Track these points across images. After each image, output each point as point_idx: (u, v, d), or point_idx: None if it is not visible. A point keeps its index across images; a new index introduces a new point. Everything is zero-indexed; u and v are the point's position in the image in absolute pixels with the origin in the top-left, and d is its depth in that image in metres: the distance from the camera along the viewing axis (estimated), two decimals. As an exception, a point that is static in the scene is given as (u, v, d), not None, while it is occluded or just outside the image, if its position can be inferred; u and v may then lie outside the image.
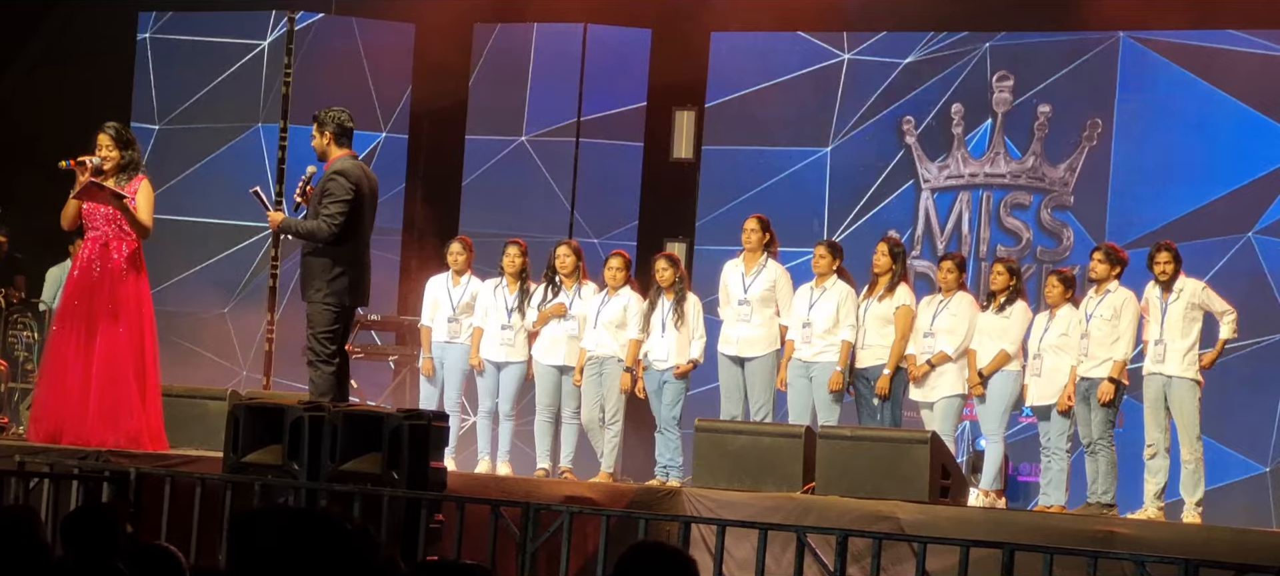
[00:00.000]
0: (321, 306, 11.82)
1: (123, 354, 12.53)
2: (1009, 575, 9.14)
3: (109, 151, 12.65)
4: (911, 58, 17.66)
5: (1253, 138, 16.38)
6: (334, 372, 11.83)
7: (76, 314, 12.65)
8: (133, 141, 12.87)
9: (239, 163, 18.72)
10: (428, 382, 15.30)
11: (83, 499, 11.36)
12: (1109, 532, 11.52)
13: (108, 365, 12.50)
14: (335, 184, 11.84)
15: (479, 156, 19.00)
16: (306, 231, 11.95)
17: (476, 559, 9.36)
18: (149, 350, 12.68)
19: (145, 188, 12.73)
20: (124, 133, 12.86)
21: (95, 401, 12.47)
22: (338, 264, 11.86)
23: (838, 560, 9.55)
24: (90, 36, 19.37)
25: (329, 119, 12.05)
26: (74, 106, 18.00)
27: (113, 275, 12.57)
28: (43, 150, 16.94)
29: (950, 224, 17.52)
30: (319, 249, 11.90)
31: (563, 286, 14.91)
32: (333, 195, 11.81)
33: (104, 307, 12.56)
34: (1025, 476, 15.49)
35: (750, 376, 14.36)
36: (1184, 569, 8.78)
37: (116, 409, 12.48)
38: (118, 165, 12.66)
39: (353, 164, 11.97)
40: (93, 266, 12.61)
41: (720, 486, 12.95)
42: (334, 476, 10.76)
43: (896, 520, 11.82)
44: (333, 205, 11.80)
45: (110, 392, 12.49)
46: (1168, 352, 13.20)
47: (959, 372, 13.96)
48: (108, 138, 12.71)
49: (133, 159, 12.73)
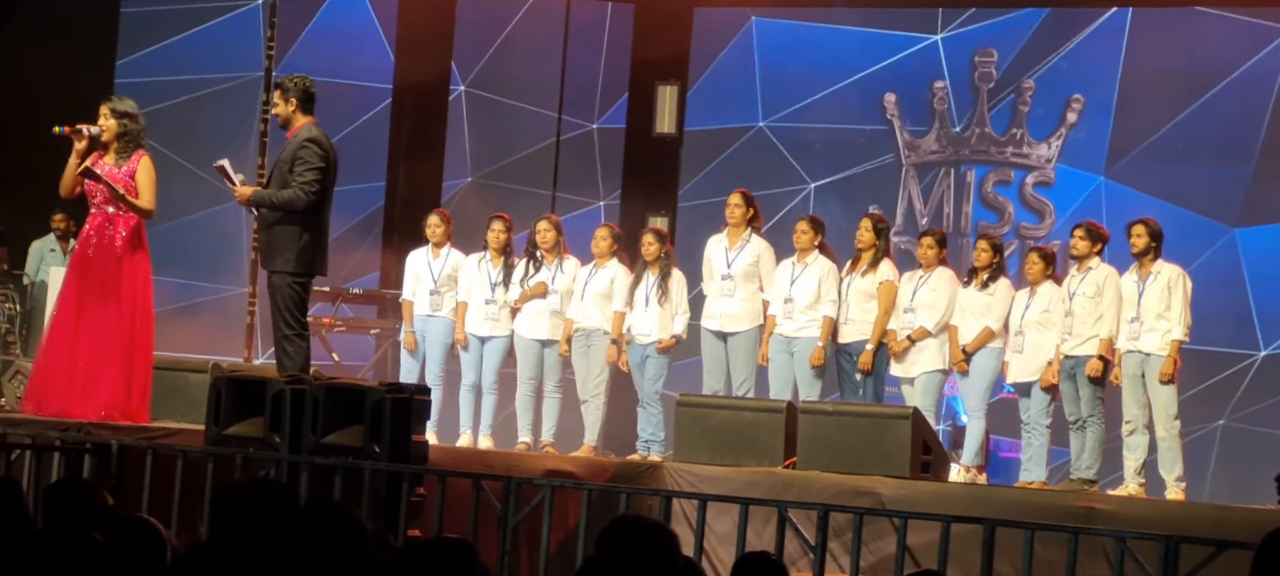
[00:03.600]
0: (290, 277, 11.70)
1: (109, 332, 12.44)
2: (990, 550, 9.15)
3: (107, 121, 12.52)
4: (897, 32, 17.67)
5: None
6: (306, 345, 11.80)
7: (72, 289, 12.59)
8: (132, 113, 12.65)
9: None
10: (409, 356, 15.29)
11: (64, 470, 11.33)
12: (1090, 509, 11.55)
13: (94, 342, 12.42)
14: (308, 151, 11.74)
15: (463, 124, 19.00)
16: (283, 201, 11.79)
17: (458, 532, 9.36)
18: (140, 330, 12.54)
19: (146, 165, 12.48)
20: (123, 105, 12.70)
21: (80, 377, 12.41)
22: (306, 231, 11.76)
23: (819, 535, 9.56)
24: (72, 12, 19.29)
25: (292, 86, 11.96)
26: (56, 81, 17.96)
27: (112, 253, 12.46)
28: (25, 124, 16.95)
29: (932, 200, 17.53)
30: (286, 217, 11.80)
31: (544, 261, 14.91)
32: (307, 162, 11.71)
33: (97, 285, 12.45)
34: (1006, 453, 15.52)
35: (733, 351, 14.38)
36: (1165, 545, 8.79)
37: (97, 386, 12.41)
38: (116, 135, 12.53)
39: (321, 132, 11.88)
40: (90, 241, 12.53)
41: (701, 461, 12.95)
42: (315, 449, 10.75)
43: (878, 495, 11.84)
44: (308, 172, 11.70)
45: (93, 369, 12.43)
46: (1144, 331, 13.23)
47: (939, 348, 13.98)
48: (107, 109, 12.57)
49: (130, 130, 12.53)
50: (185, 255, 18.69)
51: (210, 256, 19.04)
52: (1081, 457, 13.34)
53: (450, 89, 19.04)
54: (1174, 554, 8.74)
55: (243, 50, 18.88)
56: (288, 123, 11.98)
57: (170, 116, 18.18)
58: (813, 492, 11.72)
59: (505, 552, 10.17)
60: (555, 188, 18.32)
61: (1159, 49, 16.77)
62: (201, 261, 18.98)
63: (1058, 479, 13.99)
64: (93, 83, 17.42)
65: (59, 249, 17.98)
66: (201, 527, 10.17)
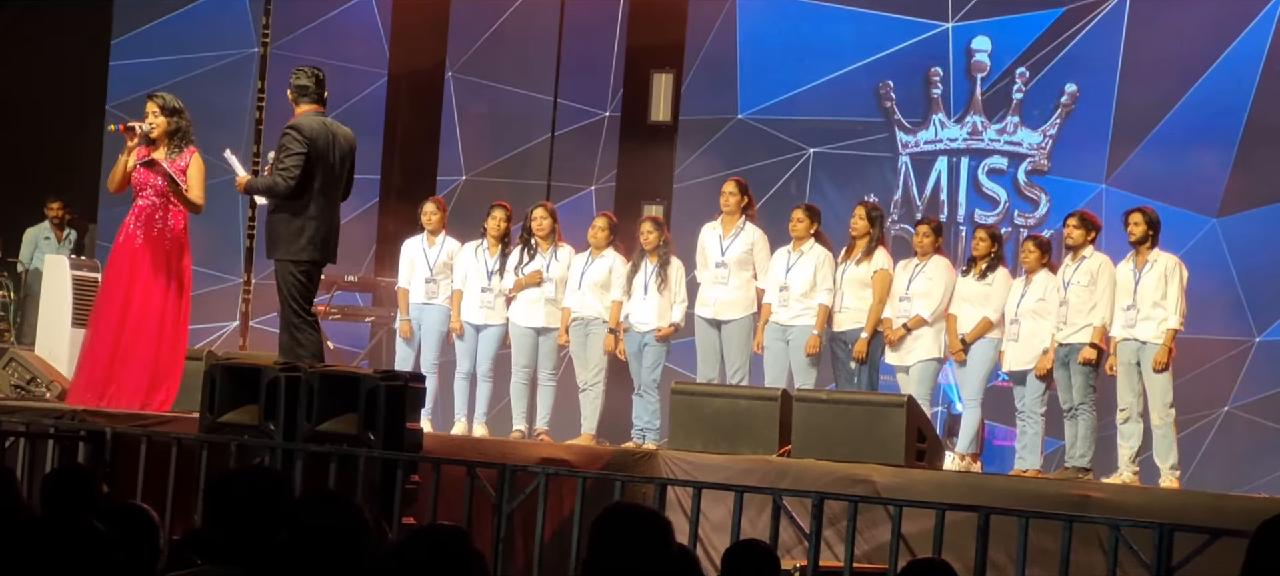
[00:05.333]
0: (290, 265, 11.71)
1: (150, 326, 12.64)
2: (984, 538, 9.15)
3: (156, 119, 12.66)
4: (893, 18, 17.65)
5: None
6: (318, 334, 11.82)
7: (124, 273, 12.72)
8: (180, 109, 12.81)
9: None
10: (405, 344, 15.29)
11: (58, 458, 11.34)
12: (1084, 497, 11.54)
13: (136, 335, 12.63)
14: (287, 138, 11.76)
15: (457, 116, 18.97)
16: (265, 187, 11.89)
17: (452, 520, 9.35)
18: (178, 328, 12.77)
19: (197, 162, 12.73)
20: (171, 101, 12.82)
21: (119, 366, 12.61)
22: (298, 217, 11.74)
23: (814, 523, 9.56)
24: (63, 3, 19.28)
25: (292, 78, 12.02)
26: (50, 64, 17.94)
27: (174, 239, 12.65)
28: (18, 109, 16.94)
29: (928, 188, 17.52)
30: (281, 205, 11.81)
31: (539, 248, 14.90)
32: (286, 149, 11.72)
33: (158, 268, 12.64)
34: (1001, 441, 15.52)
35: (727, 339, 14.38)
36: (1159, 533, 8.80)
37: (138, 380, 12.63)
38: (165, 132, 12.68)
39: (309, 118, 11.83)
40: (136, 237, 12.66)
41: (696, 449, 12.95)
42: (310, 437, 10.74)
43: (872, 483, 11.83)
44: (288, 159, 11.69)
45: (131, 361, 12.61)
46: (1140, 319, 13.23)
47: (935, 336, 13.99)
48: (155, 105, 12.74)
49: (180, 127, 12.74)
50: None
51: (205, 244, 19.01)
52: (1075, 445, 13.35)
53: (445, 76, 19.02)
54: (1168, 542, 8.74)
55: (237, 29, 18.89)
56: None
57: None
58: (807, 480, 11.71)
59: (500, 540, 10.17)
60: (550, 175, 18.31)
61: (1156, 38, 16.73)
62: (197, 248, 18.95)
63: (1053, 467, 13.99)
64: (87, 65, 17.41)
65: (53, 237, 17.98)
66: (196, 515, 10.17)
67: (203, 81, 18.66)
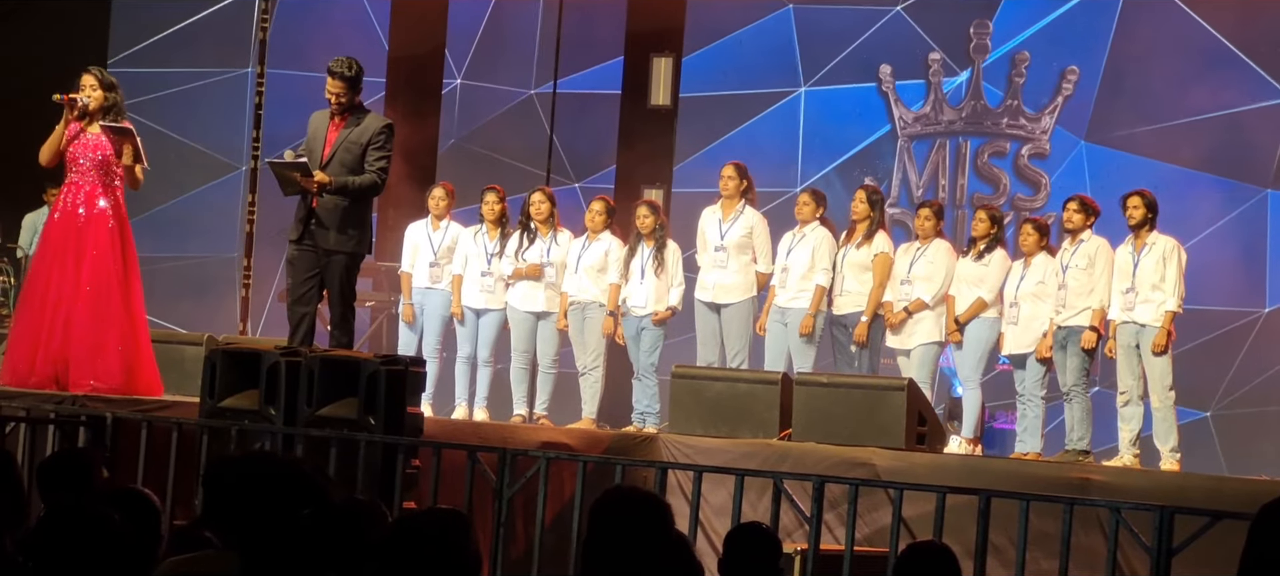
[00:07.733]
0: (355, 255, 12.02)
1: (113, 296, 12.54)
2: (985, 521, 9.15)
3: (93, 92, 12.55)
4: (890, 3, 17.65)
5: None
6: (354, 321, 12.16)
7: (54, 257, 12.59)
8: (115, 84, 12.76)
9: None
10: (407, 328, 15.29)
11: (59, 443, 11.33)
12: (1085, 480, 11.55)
13: (90, 309, 12.51)
14: (386, 135, 12.07)
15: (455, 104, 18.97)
16: (366, 184, 12.03)
17: (453, 504, 9.34)
18: (132, 302, 12.65)
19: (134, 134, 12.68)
20: (107, 76, 12.78)
21: (74, 346, 12.48)
22: (370, 209, 12.21)
23: (814, 506, 9.55)
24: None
25: (348, 71, 12.08)
26: (48, 52, 17.91)
27: (101, 224, 12.51)
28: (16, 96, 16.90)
29: (927, 171, 17.52)
30: (360, 198, 12.05)
31: (538, 233, 14.90)
32: (384, 148, 12.02)
33: (86, 256, 12.52)
34: (1002, 424, 15.52)
35: (726, 323, 14.39)
36: (1160, 516, 8.79)
37: (93, 356, 12.48)
38: (102, 106, 12.57)
39: None
40: (77, 212, 12.53)
41: (697, 433, 12.95)
42: (310, 421, 10.74)
43: (873, 467, 11.84)
44: (386, 160, 12.03)
45: (88, 338, 12.47)
46: (1139, 302, 13.23)
47: (936, 320, 13.98)
48: (92, 78, 12.62)
49: (115, 102, 12.64)
50: (181, 229, 18.70)
51: (205, 232, 19.02)
52: (1073, 429, 13.36)
53: (444, 61, 19.01)
54: (1168, 524, 8.73)
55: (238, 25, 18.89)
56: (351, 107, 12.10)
57: (165, 90, 18.16)
58: (808, 464, 11.71)
59: (500, 524, 10.17)
60: (550, 160, 18.30)
61: (1154, 20, 16.72)
62: (197, 236, 18.96)
63: (1053, 450, 13.99)
64: (87, 52, 17.37)
65: (53, 222, 17.95)
66: (196, 500, 10.16)
67: (203, 77, 18.71)
